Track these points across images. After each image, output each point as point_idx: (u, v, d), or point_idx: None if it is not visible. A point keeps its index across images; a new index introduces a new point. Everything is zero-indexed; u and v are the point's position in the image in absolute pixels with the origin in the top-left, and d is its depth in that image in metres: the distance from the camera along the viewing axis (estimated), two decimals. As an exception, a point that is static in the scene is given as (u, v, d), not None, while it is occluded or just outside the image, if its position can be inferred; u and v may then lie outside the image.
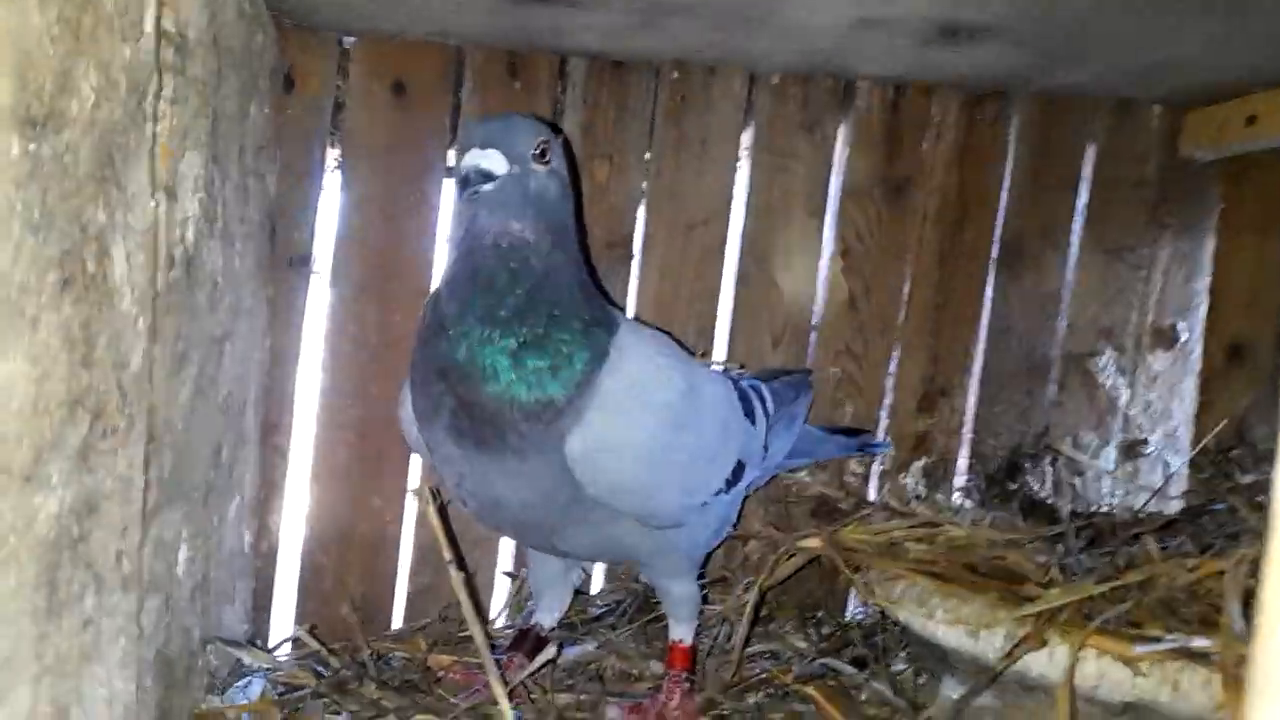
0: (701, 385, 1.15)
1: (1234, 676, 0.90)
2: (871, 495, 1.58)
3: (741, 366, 1.49)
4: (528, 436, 1.01)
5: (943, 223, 1.54)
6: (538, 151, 1.01)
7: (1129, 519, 1.42)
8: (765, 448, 1.29)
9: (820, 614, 1.50)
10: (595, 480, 1.03)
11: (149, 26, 0.77)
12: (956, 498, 1.59)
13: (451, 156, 1.44)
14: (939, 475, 1.59)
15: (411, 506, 1.45)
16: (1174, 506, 1.48)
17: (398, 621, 1.46)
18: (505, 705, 1.04)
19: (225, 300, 1.10)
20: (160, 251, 0.84)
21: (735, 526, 1.34)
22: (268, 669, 1.17)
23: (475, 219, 1.02)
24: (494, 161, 0.97)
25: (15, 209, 0.57)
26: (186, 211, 0.92)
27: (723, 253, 1.51)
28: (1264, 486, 1.44)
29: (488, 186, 0.97)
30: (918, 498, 1.54)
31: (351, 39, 1.39)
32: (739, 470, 1.21)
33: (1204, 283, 1.56)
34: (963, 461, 1.61)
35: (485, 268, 1.00)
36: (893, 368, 1.56)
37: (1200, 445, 1.47)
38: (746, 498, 1.38)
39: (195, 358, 0.98)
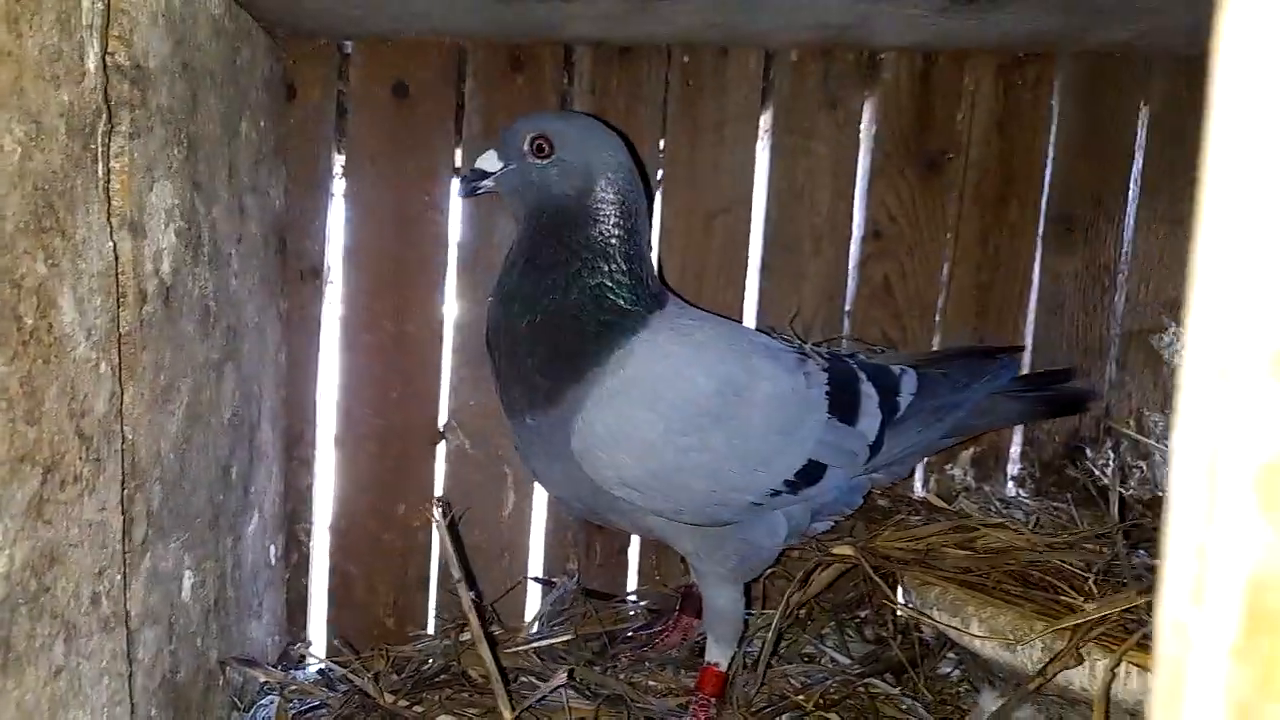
0: (749, 382, 1.09)
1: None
2: (918, 488, 1.50)
3: (879, 349, 1.40)
4: (541, 423, 1.07)
5: (983, 198, 1.44)
6: (532, 147, 1.07)
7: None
8: (875, 446, 1.17)
9: (865, 613, 1.43)
10: (598, 475, 1.05)
11: (92, 65, 0.75)
12: (1010, 488, 1.51)
13: (459, 156, 1.41)
14: (990, 465, 1.51)
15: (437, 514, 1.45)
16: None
17: (431, 628, 1.46)
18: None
19: (221, 323, 1.09)
20: (128, 290, 0.83)
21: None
22: (283, 686, 1.18)
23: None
24: (488, 160, 1.10)
25: (-82, 278, 0.55)
26: (160, 244, 0.90)
27: (747, 241, 1.45)
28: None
29: (485, 183, 1.10)
30: (967, 490, 1.46)
31: (349, 43, 1.37)
32: (812, 472, 1.13)
33: (1277, 248, 1.43)
34: (1015, 449, 1.52)
35: (510, 252, 1.12)
36: (933, 353, 1.47)
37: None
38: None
39: (184, 387, 0.98)
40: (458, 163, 1.41)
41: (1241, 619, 0.22)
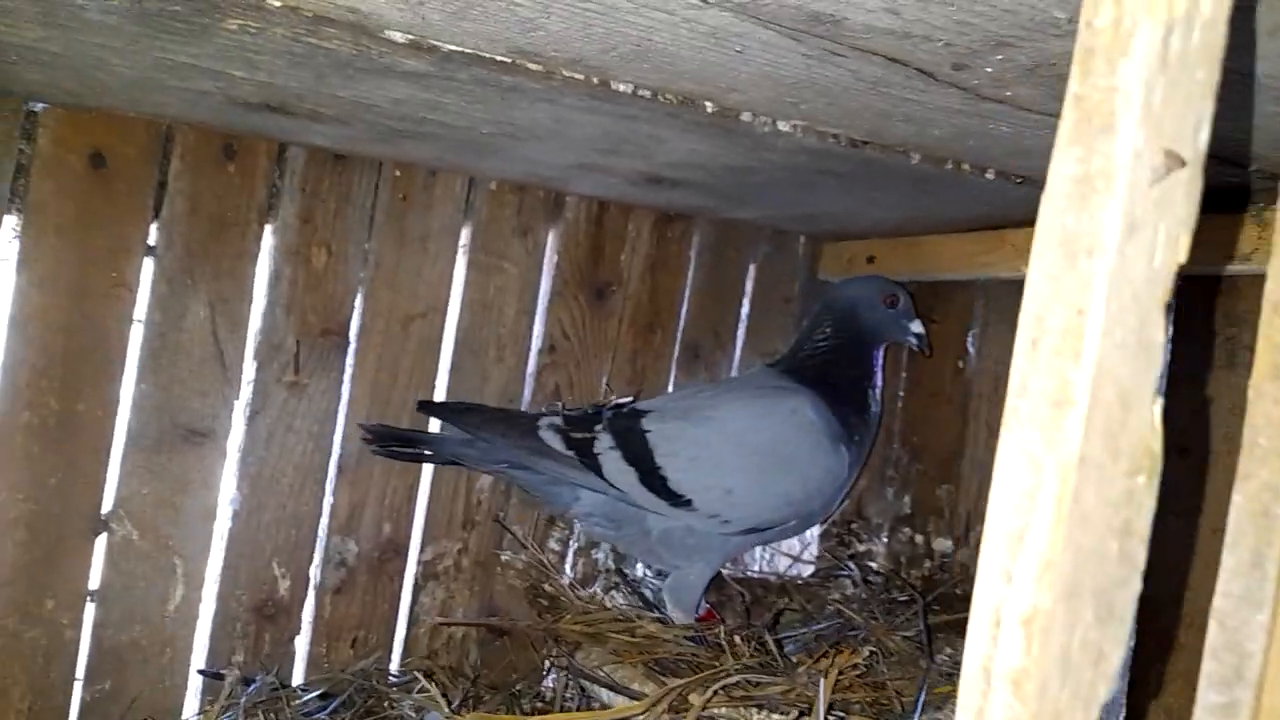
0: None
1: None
2: (568, 568, 1.72)
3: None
4: None
5: (636, 325, 1.73)
6: None
7: (776, 583, 1.72)
8: None
9: (521, 685, 1.61)
10: None
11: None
12: (639, 568, 1.79)
13: (154, 235, 1.37)
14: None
15: (91, 609, 1.35)
16: (809, 569, 1.80)
17: (72, 734, 1.35)
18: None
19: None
20: None
21: None
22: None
23: None
24: None
25: None
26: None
27: (439, 344, 1.58)
28: (873, 555, 1.80)
29: None
30: (607, 571, 1.71)
31: (42, 105, 1.27)
32: None
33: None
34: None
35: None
36: (589, 453, 1.71)
37: (828, 519, 1.79)
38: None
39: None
40: (152, 241, 1.36)
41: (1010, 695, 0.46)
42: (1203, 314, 1.38)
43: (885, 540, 1.84)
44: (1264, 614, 0.58)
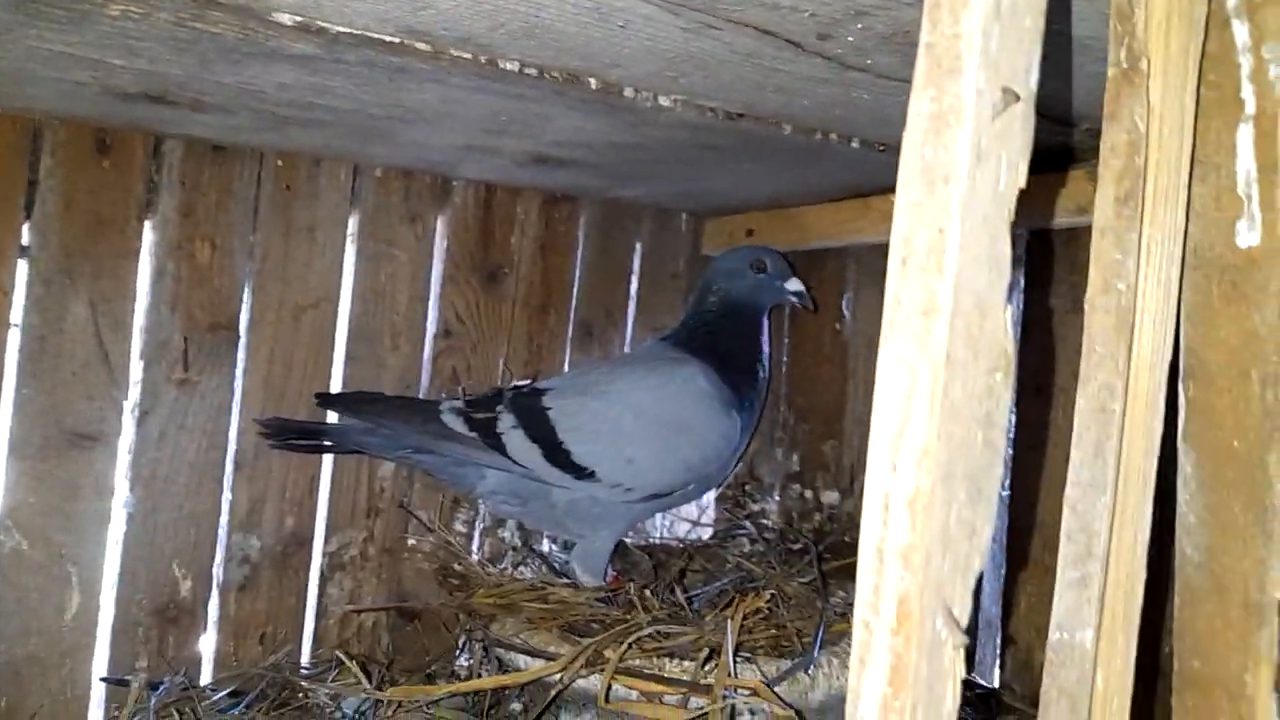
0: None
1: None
2: (475, 548, 1.75)
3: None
4: None
5: (530, 306, 1.76)
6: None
7: (679, 548, 1.79)
8: None
9: (435, 666, 1.63)
10: None
11: None
12: (545, 544, 1.83)
13: (26, 234, 1.32)
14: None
15: (-19, 624, 1.30)
16: (708, 531, 1.88)
17: (-35, 757, 1.30)
18: None
19: None
20: None
21: None
22: None
23: None
24: None
25: None
26: None
27: (333, 334, 1.57)
28: (766, 513, 1.89)
29: None
30: (514, 549, 1.74)
31: (-105, 101, 1.22)
32: None
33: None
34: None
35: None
36: (490, 434, 1.74)
37: (723, 482, 1.87)
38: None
39: None
40: (25, 241, 1.32)
41: (895, 615, 0.52)
42: (1048, 265, 1.52)
43: (777, 498, 1.94)
44: (1107, 496, 0.67)
